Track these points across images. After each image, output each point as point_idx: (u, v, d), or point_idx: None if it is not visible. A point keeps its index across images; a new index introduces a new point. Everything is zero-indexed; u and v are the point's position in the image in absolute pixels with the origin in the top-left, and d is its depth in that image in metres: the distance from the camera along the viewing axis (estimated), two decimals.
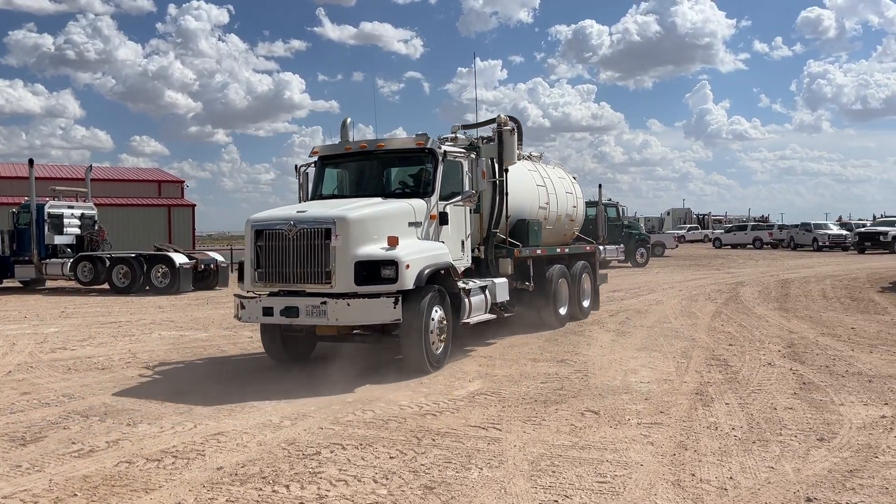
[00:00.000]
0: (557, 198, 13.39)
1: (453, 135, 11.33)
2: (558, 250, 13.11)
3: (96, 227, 23.60)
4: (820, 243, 43.80)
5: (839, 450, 5.56)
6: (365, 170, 10.40)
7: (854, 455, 5.42)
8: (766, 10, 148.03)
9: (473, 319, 9.77)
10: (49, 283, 23.79)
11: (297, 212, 8.79)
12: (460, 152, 10.17)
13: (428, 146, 9.68)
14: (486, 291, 10.15)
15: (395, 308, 8.22)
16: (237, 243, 76.32)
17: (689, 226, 67.28)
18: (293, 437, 6.07)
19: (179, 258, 21.07)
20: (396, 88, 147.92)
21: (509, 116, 11.58)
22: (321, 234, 8.31)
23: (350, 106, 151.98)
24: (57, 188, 24.41)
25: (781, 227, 51.70)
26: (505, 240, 11.26)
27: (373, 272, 8.25)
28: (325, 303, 8.17)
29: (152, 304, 17.70)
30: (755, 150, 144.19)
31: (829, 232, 44.86)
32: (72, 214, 23.22)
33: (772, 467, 5.18)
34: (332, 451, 5.68)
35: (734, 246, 50.23)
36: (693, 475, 5.05)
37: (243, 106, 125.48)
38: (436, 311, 8.76)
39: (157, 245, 22.82)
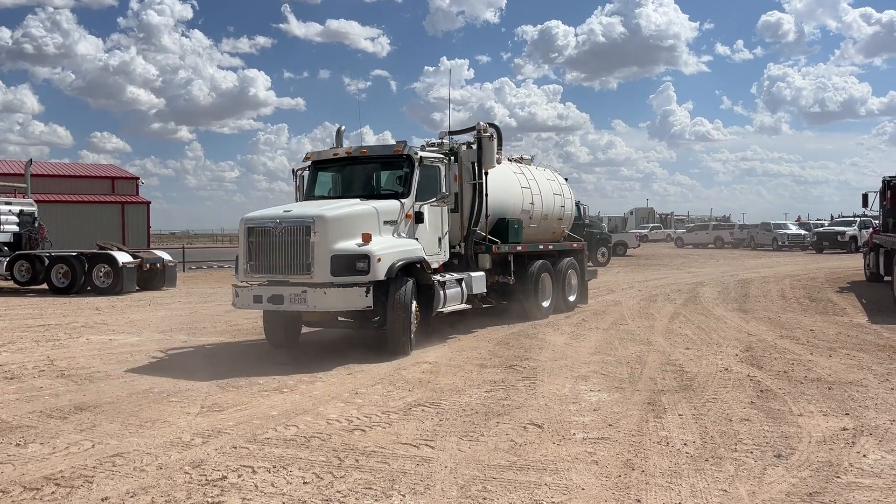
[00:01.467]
0: (543, 198, 14.12)
1: (440, 140, 12.47)
2: (541, 247, 13.83)
3: (36, 225, 22.48)
4: (780, 243, 44.17)
5: (798, 468, 5.10)
6: (352, 173, 11.33)
7: (814, 475, 4.96)
8: (728, 14, 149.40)
9: (447, 309, 10.69)
10: None
11: (284, 211, 9.83)
12: (437, 157, 10.96)
13: (405, 152, 10.56)
14: (462, 284, 11.11)
15: (366, 296, 9.21)
16: (197, 241, 75.09)
17: (651, 225, 67.53)
18: (201, 459, 5.42)
19: (122, 257, 20.10)
20: (363, 86, 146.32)
21: (489, 123, 12.39)
22: (302, 231, 9.31)
23: (317, 104, 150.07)
24: None
25: (742, 227, 52.04)
26: (485, 237, 12.14)
27: (348, 265, 9.23)
28: (305, 291, 9.21)
29: (90, 306, 16.79)
30: (717, 150, 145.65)
31: (789, 232, 45.27)
32: (9, 211, 22.07)
33: (725, 490, 4.69)
34: (239, 476, 5.05)
35: (696, 245, 50.45)
36: (638, 501, 4.54)
37: (207, 103, 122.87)
38: (412, 300, 9.75)
39: (100, 243, 21.77)
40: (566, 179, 15.89)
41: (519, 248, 12.90)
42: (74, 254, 20.49)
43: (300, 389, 7.77)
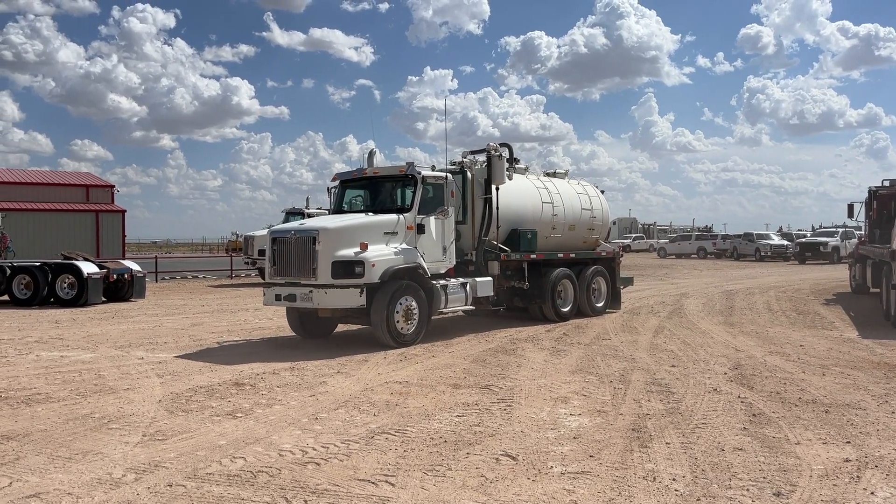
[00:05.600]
0: (566, 211, 15.10)
1: (462, 158, 13.60)
2: (560, 255, 14.74)
3: None
4: (762, 253, 43.97)
5: None
6: (372, 190, 12.71)
7: None
8: (709, 27, 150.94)
9: (449, 309, 12.06)
10: None
11: (299, 224, 11.85)
12: (439, 176, 12.19)
13: (408, 172, 11.93)
14: (467, 287, 12.32)
15: (361, 296, 10.69)
16: (177, 251, 73.79)
17: (634, 235, 67.39)
18: (128, 500, 4.77)
19: (88, 268, 19.29)
20: (347, 95, 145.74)
21: (501, 143, 13.76)
22: (310, 241, 10.90)
23: (300, 112, 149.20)
24: None
25: (725, 238, 51.85)
26: (496, 245, 13.19)
27: (346, 269, 10.69)
28: (311, 291, 10.81)
29: (49, 319, 16.00)
30: (699, 161, 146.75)
31: (771, 242, 45.09)
32: None
33: None
34: None
35: (679, 256, 50.20)
36: None
37: (190, 111, 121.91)
38: (402, 301, 11.05)
39: (65, 253, 20.95)
40: (602, 192, 16.86)
41: (533, 256, 13.91)
42: (37, 264, 19.65)
43: (255, 414, 7.13)
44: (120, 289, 20.37)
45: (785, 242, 45.03)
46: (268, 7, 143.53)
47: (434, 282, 11.64)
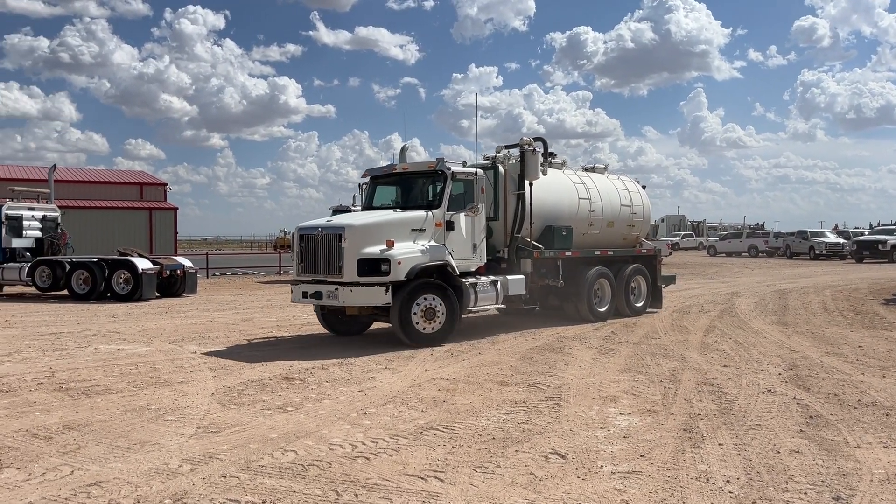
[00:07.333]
0: (604, 207, 14.69)
1: (496, 153, 13.23)
2: (597, 253, 14.37)
3: (58, 230, 22.37)
4: (817, 252, 42.76)
5: None
6: (403, 186, 12.50)
7: None
8: (762, 19, 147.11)
9: (478, 308, 11.69)
10: (8, 290, 22.54)
11: (326, 221, 11.44)
12: (469, 172, 11.85)
13: (437, 168, 11.67)
14: (498, 286, 11.97)
15: (386, 294, 10.52)
16: (227, 248, 75.19)
17: (683, 233, 66.26)
18: (184, 490, 4.89)
19: (142, 263, 19.83)
20: (393, 94, 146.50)
21: (535, 137, 13.38)
22: (336, 238, 10.74)
23: (346, 111, 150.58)
24: (16, 189, 23.19)
25: (777, 235, 50.61)
26: (529, 242, 12.84)
27: (372, 267, 10.53)
28: (337, 289, 10.69)
29: (106, 313, 16.49)
30: (750, 158, 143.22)
31: (827, 240, 43.80)
32: (32, 217, 22.02)
33: None
34: None
35: (729, 254, 49.16)
36: None
37: (239, 110, 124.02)
38: (423, 299, 10.78)
39: (121, 249, 21.55)
40: (644, 186, 16.51)
41: (568, 253, 13.50)
42: (95, 260, 20.28)
43: (305, 408, 7.23)
44: (172, 284, 20.88)
45: (841, 240, 43.70)
46: (314, 6, 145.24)
47: (464, 280, 11.38)
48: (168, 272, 20.57)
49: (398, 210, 11.73)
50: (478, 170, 12.08)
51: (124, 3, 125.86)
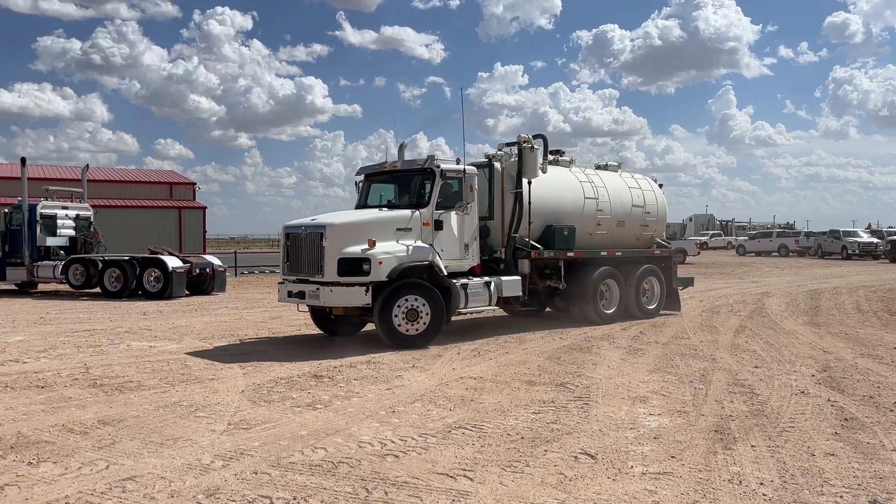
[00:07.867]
0: (612, 206, 14.19)
1: (498, 150, 12.88)
2: (603, 254, 13.85)
3: (91, 229, 22.76)
4: (849, 251, 42.04)
5: None
6: (397, 184, 12.25)
7: None
8: (792, 15, 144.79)
9: (468, 309, 11.36)
10: (43, 287, 23.00)
11: (311, 219, 11.10)
12: (458, 170, 11.49)
13: (426, 166, 11.42)
14: (491, 287, 11.60)
15: (366, 294, 10.33)
16: (254, 246, 76.00)
17: (711, 232, 65.46)
18: (217, 486, 4.95)
19: (172, 262, 20.10)
20: (418, 93, 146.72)
21: (535, 135, 12.75)
22: (318, 237, 10.56)
23: (372, 111, 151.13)
24: (50, 188, 23.63)
25: (808, 235, 49.83)
26: (527, 243, 12.48)
27: (353, 266, 10.35)
28: (318, 289, 10.55)
29: (138, 311, 16.74)
30: (780, 156, 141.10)
31: (860, 240, 43.04)
32: (66, 215, 22.44)
33: None
34: None
35: (759, 253, 48.51)
36: None
37: (266, 110, 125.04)
38: (405, 300, 10.50)
39: (152, 248, 21.88)
40: (661, 185, 15.96)
41: (570, 254, 13.07)
42: (126, 258, 20.60)
43: (334, 406, 7.27)
44: (202, 282, 21.13)
45: (874, 240, 42.92)
46: (340, 6, 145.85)
47: (453, 280, 11.02)
48: (198, 270, 20.83)
49: (384, 209, 11.49)
50: (466, 167, 11.69)
51: (154, 5, 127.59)
